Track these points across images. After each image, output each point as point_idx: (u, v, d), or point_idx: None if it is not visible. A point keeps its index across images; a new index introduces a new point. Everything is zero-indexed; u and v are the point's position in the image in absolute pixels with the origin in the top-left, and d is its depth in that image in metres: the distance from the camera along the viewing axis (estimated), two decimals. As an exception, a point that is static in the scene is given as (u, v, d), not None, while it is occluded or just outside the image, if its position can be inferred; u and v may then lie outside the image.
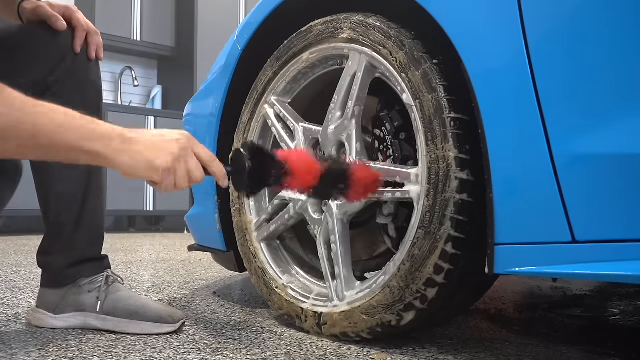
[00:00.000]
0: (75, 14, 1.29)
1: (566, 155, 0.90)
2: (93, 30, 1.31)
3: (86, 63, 1.30)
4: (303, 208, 1.34)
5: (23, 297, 1.69)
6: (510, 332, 1.38)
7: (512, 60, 0.95)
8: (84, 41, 1.29)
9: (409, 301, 1.11)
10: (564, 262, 0.91)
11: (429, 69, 1.10)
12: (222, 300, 1.71)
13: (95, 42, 1.31)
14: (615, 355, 1.21)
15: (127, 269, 2.40)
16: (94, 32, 1.31)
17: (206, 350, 1.16)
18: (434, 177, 1.07)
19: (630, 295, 1.93)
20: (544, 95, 0.92)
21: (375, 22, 1.20)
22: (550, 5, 0.93)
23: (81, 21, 1.29)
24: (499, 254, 0.98)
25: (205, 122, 1.59)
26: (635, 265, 0.85)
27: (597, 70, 0.89)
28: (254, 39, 1.46)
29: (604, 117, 0.88)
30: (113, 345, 1.19)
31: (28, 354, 1.12)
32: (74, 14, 1.29)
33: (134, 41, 5.27)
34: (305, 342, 1.23)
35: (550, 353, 1.20)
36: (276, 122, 1.42)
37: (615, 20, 0.88)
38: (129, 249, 3.22)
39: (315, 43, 1.33)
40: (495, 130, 0.97)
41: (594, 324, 1.57)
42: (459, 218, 1.05)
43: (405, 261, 1.11)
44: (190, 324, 1.38)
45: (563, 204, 0.90)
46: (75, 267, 1.32)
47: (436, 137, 1.07)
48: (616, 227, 0.87)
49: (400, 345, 1.21)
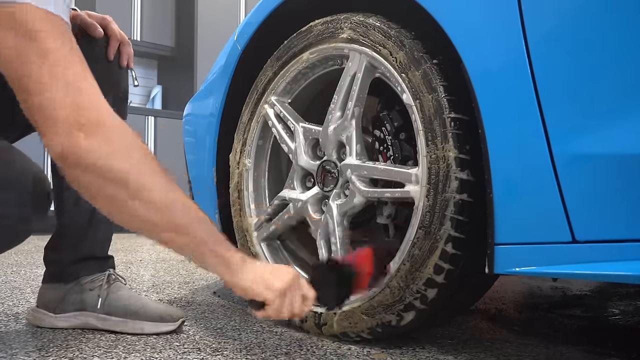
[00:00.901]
0: (111, 24, 1.34)
1: (566, 155, 0.90)
2: (126, 40, 1.36)
3: (118, 70, 1.35)
4: (303, 208, 1.34)
5: (23, 297, 1.69)
6: (510, 332, 1.38)
7: (512, 60, 0.95)
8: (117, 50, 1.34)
9: (409, 301, 1.11)
10: (564, 262, 0.91)
11: (429, 69, 1.10)
12: (222, 300, 1.71)
13: (127, 52, 1.36)
14: (615, 355, 1.21)
15: (127, 269, 2.40)
16: (126, 43, 1.36)
17: (206, 350, 1.16)
18: (434, 177, 1.07)
19: (630, 295, 1.93)
20: (544, 95, 0.92)
21: (375, 22, 1.20)
22: (550, 5, 0.93)
23: (115, 31, 1.34)
24: (499, 254, 0.98)
25: (205, 122, 1.59)
26: (635, 265, 0.85)
27: (597, 70, 0.89)
28: (254, 39, 1.46)
29: (604, 117, 0.88)
30: (113, 345, 1.19)
31: (28, 354, 1.12)
32: (110, 24, 1.34)
33: (134, 41, 5.25)
34: (305, 342, 1.23)
35: (550, 353, 1.20)
36: (276, 122, 1.42)
37: (615, 20, 0.88)
38: (129, 249, 3.22)
39: (315, 43, 1.33)
40: (495, 130, 0.97)
41: (594, 324, 1.57)
42: (459, 218, 1.05)
43: (405, 261, 1.11)
44: (190, 324, 1.38)
45: (563, 204, 0.90)
46: (80, 264, 1.33)
47: (436, 137, 1.07)
48: (616, 227, 0.87)
49: (400, 345, 1.21)
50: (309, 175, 1.38)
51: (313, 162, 1.34)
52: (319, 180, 1.32)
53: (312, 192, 1.34)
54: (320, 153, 1.35)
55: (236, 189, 1.50)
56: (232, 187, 1.51)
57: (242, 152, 1.49)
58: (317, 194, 1.33)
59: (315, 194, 1.33)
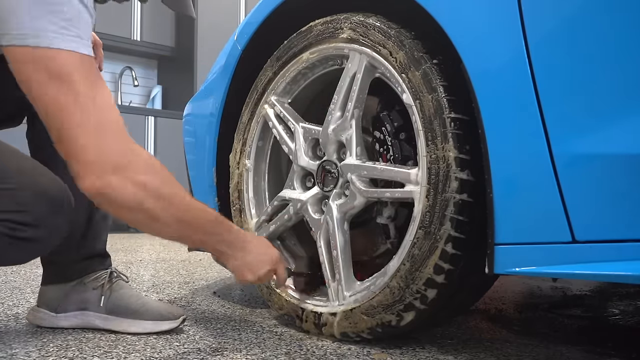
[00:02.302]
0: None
1: (566, 155, 0.90)
2: (99, 42, 1.37)
3: None
4: (303, 208, 1.34)
5: (23, 297, 1.69)
6: (510, 332, 1.38)
7: (512, 60, 0.95)
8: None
9: (409, 301, 1.11)
10: (564, 262, 0.91)
11: (429, 69, 1.10)
12: (222, 300, 1.71)
13: (101, 55, 1.37)
14: (615, 355, 1.21)
15: (127, 269, 2.40)
16: (99, 44, 1.37)
17: (206, 350, 1.16)
18: (434, 177, 1.07)
19: (630, 295, 1.93)
20: (544, 95, 0.92)
21: (375, 22, 1.20)
22: (550, 5, 0.93)
23: (96, 37, 1.35)
24: (499, 254, 0.98)
25: (205, 122, 1.59)
26: (635, 265, 0.85)
27: (597, 70, 0.89)
28: (254, 39, 1.46)
29: (604, 117, 0.88)
30: (113, 345, 1.19)
31: (28, 354, 1.12)
32: None
33: (134, 41, 5.26)
34: (305, 342, 1.23)
35: (550, 353, 1.20)
36: (276, 123, 1.42)
37: (615, 19, 0.88)
38: (129, 249, 3.22)
39: (315, 43, 1.33)
40: (495, 130, 0.97)
41: (594, 324, 1.57)
42: (459, 218, 1.05)
43: (405, 261, 1.11)
44: (190, 324, 1.38)
45: (563, 203, 0.90)
46: (82, 262, 1.34)
47: (436, 137, 1.07)
48: (616, 227, 0.87)
49: (400, 345, 1.21)
50: (309, 176, 1.38)
51: (313, 162, 1.34)
52: (319, 181, 1.32)
53: (312, 192, 1.34)
54: (320, 153, 1.35)
55: (236, 189, 1.50)
56: (232, 187, 1.51)
57: (242, 152, 1.49)
58: (317, 194, 1.33)
59: (315, 194, 1.33)
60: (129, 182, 0.93)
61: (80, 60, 0.92)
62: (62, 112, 0.90)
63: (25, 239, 1.01)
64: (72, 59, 0.91)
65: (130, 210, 0.96)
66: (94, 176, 0.91)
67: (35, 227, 1.01)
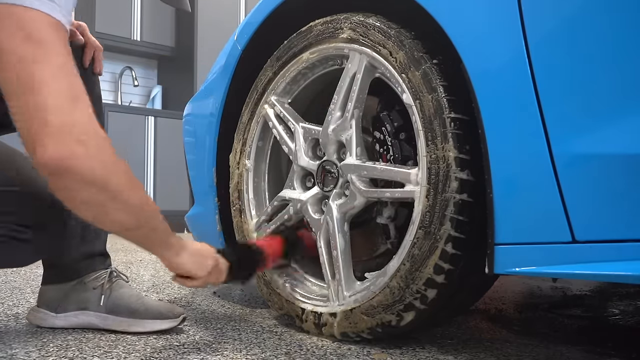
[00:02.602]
0: (87, 32, 1.38)
1: (566, 155, 0.90)
2: (99, 47, 1.39)
3: (92, 77, 1.37)
4: (303, 209, 1.34)
5: (23, 297, 1.69)
6: (510, 332, 1.38)
7: (512, 60, 0.95)
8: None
9: (409, 301, 1.11)
10: (564, 262, 0.91)
11: (429, 69, 1.10)
12: (222, 300, 1.71)
13: (100, 59, 1.39)
14: (615, 355, 1.21)
15: (127, 269, 2.40)
16: (99, 49, 1.39)
17: (206, 350, 1.16)
18: (434, 177, 1.07)
19: (630, 295, 1.93)
20: (543, 95, 0.92)
21: (375, 22, 1.20)
22: (550, 5, 0.93)
23: (91, 39, 1.37)
24: (499, 254, 0.98)
25: (205, 122, 1.59)
26: (635, 265, 0.85)
27: (597, 70, 0.89)
28: (254, 39, 1.46)
29: (604, 117, 0.88)
30: (113, 345, 1.19)
31: (28, 354, 1.12)
32: (86, 31, 1.38)
33: (134, 41, 5.26)
34: (305, 342, 1.23)
35: (550, 353, 1.20)
36: (276, 123, 1.42)
37: (615, 19, 0.88)
38: (129, 249, 3.22)
39: (315, 43, 1.33)
40: (495, 130, 0.97)
41: (594, 324, 1.57)
42: (459, 218, 1.05)
43: (405, 261, 1.11)
44: (190, 323, 1.38)
45: (563, 203, 0.90)
46: (85, 262, 1.34)
47: (436, 137, 1.07)
48: (616, 227, 0.87)
49: (400, 345, 1.21)
50: (309, 176, 1.38)
51: (313, 162, 1.34)
52: (319, 181, 1.32)
53: (312, 192, 1.34)
54: (320, 153, 1.35)
55: (236, 189, 1.50)
56: (232, 187, 1.51)
57: (242, 152, 1.49)
58: (317, 194, 1.33)
59: (315, 194, 1.33)
60: (96, 154, 0.87)
61: (53, 23, 0.88)
62: (27, 66, 0.85)
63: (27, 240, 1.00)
64: (46, 21, 0.87)
65: (94, 185, 0.88)
66: (61, 145, 0.85)
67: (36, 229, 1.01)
